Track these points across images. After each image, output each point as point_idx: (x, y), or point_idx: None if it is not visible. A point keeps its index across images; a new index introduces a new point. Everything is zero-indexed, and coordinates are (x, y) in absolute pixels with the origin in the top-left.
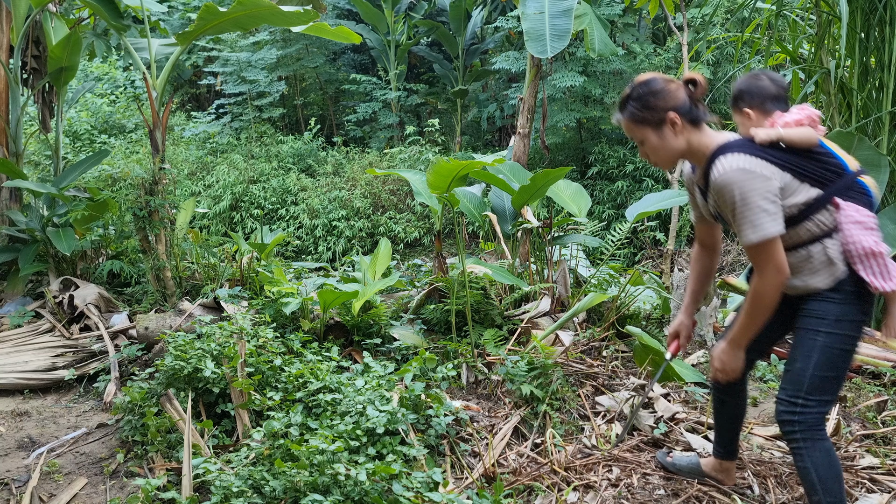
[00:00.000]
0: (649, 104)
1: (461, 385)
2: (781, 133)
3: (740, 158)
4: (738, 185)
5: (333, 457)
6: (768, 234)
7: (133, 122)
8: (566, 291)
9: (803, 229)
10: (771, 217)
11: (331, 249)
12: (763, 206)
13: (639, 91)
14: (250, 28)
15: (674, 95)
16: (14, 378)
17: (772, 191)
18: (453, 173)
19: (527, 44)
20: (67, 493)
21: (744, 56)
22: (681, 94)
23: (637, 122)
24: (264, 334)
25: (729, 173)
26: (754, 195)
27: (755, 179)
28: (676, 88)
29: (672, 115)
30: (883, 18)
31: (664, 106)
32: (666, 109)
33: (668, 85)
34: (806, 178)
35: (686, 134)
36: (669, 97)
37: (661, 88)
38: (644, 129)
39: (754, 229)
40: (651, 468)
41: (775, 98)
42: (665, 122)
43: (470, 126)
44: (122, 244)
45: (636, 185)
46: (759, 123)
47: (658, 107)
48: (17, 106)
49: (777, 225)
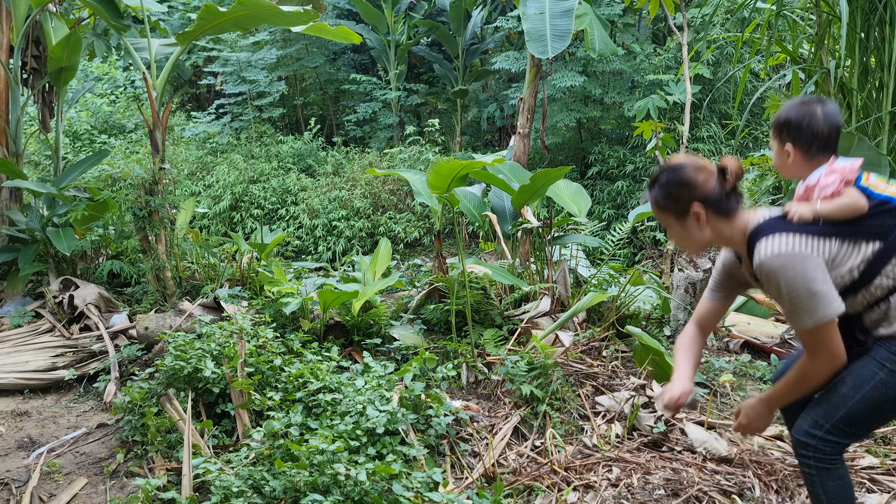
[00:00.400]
0: (673, 194)
1: (461, 385)
2: (819, 210)
3: (779, 241)
4: (782, 272)
5: (333, 457)
6: (823, 318)
7: (133, 122)
8: (566, 291)
9: (874, 287)
10: (823, 300)
11: (331, 249)
12: (812, 289)
13: (665, 178)
14: (250, 28)
15: (701, 187)
16: (14, 378)
17: (819, 269)
18: (453, 173)
19: (527, 44)
20: (67, 493)
21: (744, 56)
22: (710, 184)
23: (661, 209)
24: (264, 334)
25: (770, 260)
26: (799, 281)
27: (798, 262)
28: (705, 179)
29: (696, 207)
30: (883, 18)
31: (689, 198)
32: (690, 201)
33: (696, 175)
34: (859, 237)
35: (713, 224)
36: (696, 189)
37: (687, 179)
38: (668, 217)
39: (810, 316)
40: (651, 468)
41: (826, 143)
42: (689, 213)
43: (470, 126)
44: (122, 244)
45: (636, 185)
46: (799, 167)
47: (682, 198)
48: (17, 106)
49: (831, 306)
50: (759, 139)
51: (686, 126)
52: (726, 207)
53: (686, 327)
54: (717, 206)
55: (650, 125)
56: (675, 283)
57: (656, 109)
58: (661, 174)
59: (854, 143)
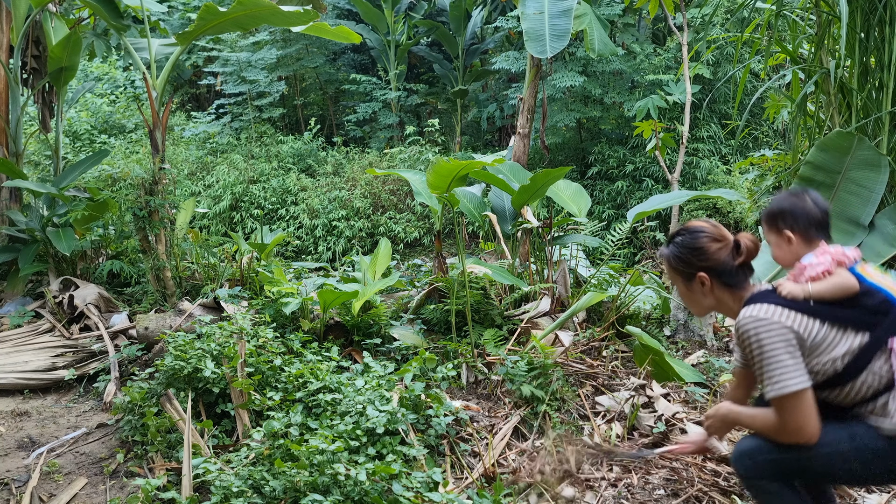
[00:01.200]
0: (684, 258)
1: (461, 385)
2: (809, 290)
3: (759, 308)
4: (754, 334)
5: (333, 457)
6: (787, 390)
7: (133, 122)
8: (566, 291)
9: (861, 384)
10: (790, 370)
11: (331, 249)
12: (777, 356)
13: (681, 240)
14: (250, 28)
15: (713, 256)
16: (14, 378)
17: (790, 341)
18: (453, 173)
19: (526, 44)
20: (67, 493)
21: (744, 56)
22: (721, 255)
23: (671, 267)
24: (264, 334)
25: (745, 322)
26: (769, 346)
27: (771, 329)
28: (718, 249)
29: (702, 275)
30: (883, 18)
31: (698, 265)
32: (699, 269)
33: (710, 244)
34: (846, 325)
35: (717, 293)
36: (707, 257)
37: (701, 246)
38: (676, 276)
39: (772, 384)
40: (651, 468)
41: (820, 224)
42: (695, 278)
43: (470, 126)
44: (122, 244)
45: (636, 185)
46: (800, 250)
47: (692, 263)
48: (17, 106)
49: (797, 379)
50: (759, 139)
51: (686, 126)
52: (732, 281)
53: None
54: (724, 278)
55: (650, 125)
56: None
57: (656, 109)
58: (678, 234)
59: (854, 143)
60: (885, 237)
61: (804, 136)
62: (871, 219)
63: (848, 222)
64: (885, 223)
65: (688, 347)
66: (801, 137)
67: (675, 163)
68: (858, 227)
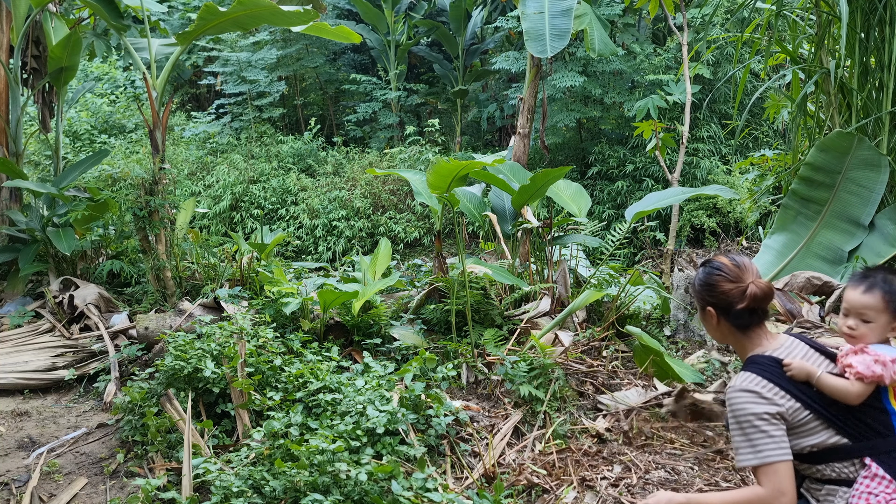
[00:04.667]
0: (698, 291)
1: (461, 385)
2: (817, 377)
3: (748, 378)
4: (737, 403)
5: (333, 457)
6: (768, 460)
7: (133, 122)
8: (566, 291)
9: (815, 470)
10: (773, 441)
11: (331, 249)
12: (761, 427)
13: (701, 272)
14: (250, 28)
15: (721, 295)
16: (14, 378)
17: (771, 413)
18: (453, 173)
19: (527, 44)
20: (67, 493)
21: (744, 56)
22: (728, 297)
23: (693, 294)
24: (264, 334)
25: (730, 391)
26: (751, 416)
27: (755, 403)
28: (730, 290)
29: (710, 310)
30: (883, 18)
31: (708, 300)
32: (708, 304)
33: (723, 283)
34: (831, 424)
35: (724, 330)
36: (718, 295)
37: (712, 283)
38: (697, 303)
39: (755, 452)
40: (651, 468)
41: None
42: (705, 311)
43: (470, 126)
44: (122, 244)
45: (636, 185)
46: (879, 334)
47: (703, 298)
48: (17, 106)
49: (780, 451)
50: (759, 139)
51: (686, 126)
52: (739, 322)
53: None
54: (730, 319)
55: (650, 125)
56: (675, 283)
57: (656, 109)
58: (703, 265)
59: (854, 144)
60: (885, 237)
61: (804, 136)
62: (871, 219)
63: (848, 222)
64: (885, 223)
65: (688, 347)
66: (801, 137)
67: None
68: (858, 227)
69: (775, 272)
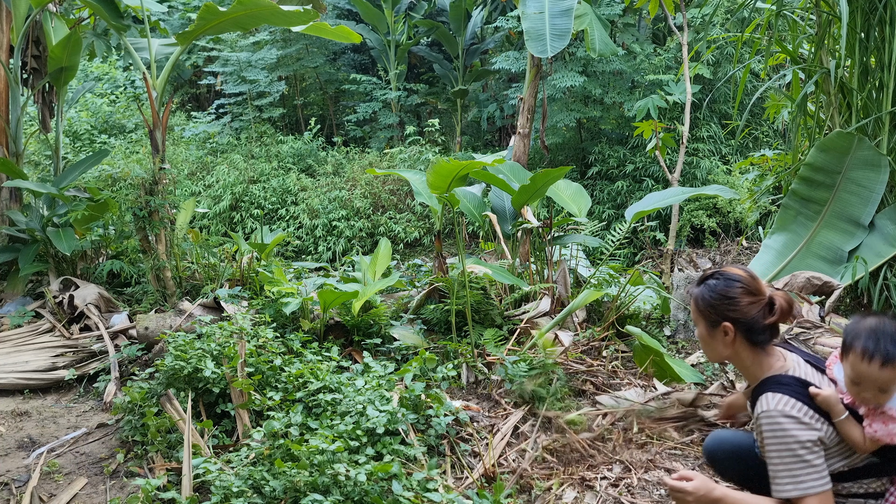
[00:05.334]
0: (713, 303)
1: (461, 385)
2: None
3: (785, 401)
4: (780, 431)
5: (333, 457)
6: (811, 491)
7: (133, 122)
8: (566, 291)
9: (841, 487)
10: (815, 471)
11: (331, 249)
12: (804, 456)
13: (714, 284)
14: (250, 28)
15: (742, 310)
16: (14, 378)
17: (815, 442)
18: (453, 173)
19: (527, 43)
20: (67, 493)
21: (744, 56)
22: (751, 311)
23: (698, 309)
24: (264, 334)
25: (771, 414)
26: (795, 444)
27: (799, 429)
28: (749, 304)
29: (728, 325)
30: (883, 18)
31: (725, 314)
32: (725, 318)
33: (743, 297)
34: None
35: (738, 349)
36: (736, 310)
37: (734, 297)
38: (700, 319)
39: (795, 484)
40: (651, 468)
41: None
42: (719, 326)
43: (470, 126)
44: (122, 244)
45: (636, 185)
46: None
47: (719, 311)
48: (17, 106)
49: (821, 481)
50: (759, 139)
51: (686, 126)
52: (757, 339)
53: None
54: (749, 335)
55: (650, 125)
56: (675, 283)
57: (656, 109)
58: (713, 277)
59: (854, 144)
60: (885, 237)
61: (804, 136)
62: (871, 219)
63: (848, 222)
64: (885, 223)
65: (688, 347)
66: (802, 137)
67: (676, 163)
68: (858, 227)
69: (775, 272)
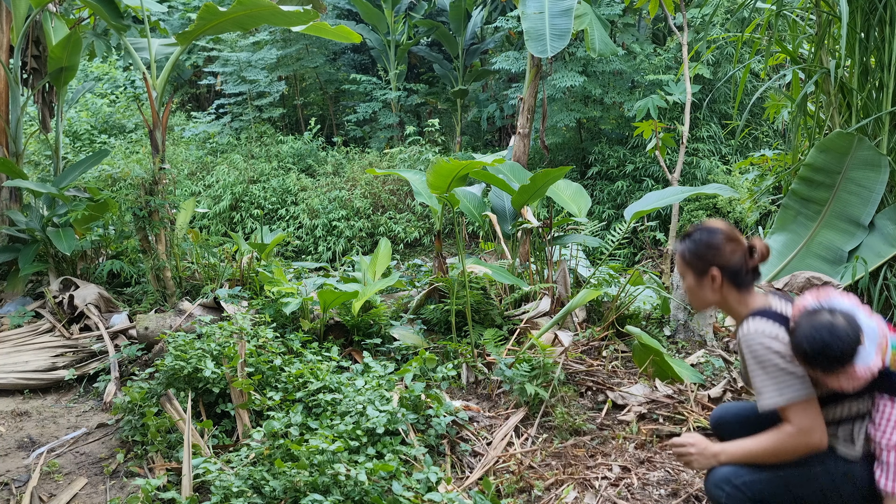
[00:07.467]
0: (699, 253)
1: (461, 385)
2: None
3: (764, 322)
4: (761, 348)
5: (333, 457)
6: (794, 398)
7: (133, 122)
8: (566, 291)
9: (831, 412)
10: (796, 378)
11: (331, 249)
12: (785, 367)
13: (698, 237)
14: (250, 28)
15: (726, 255)
16: (14, 378)
17: (791, 354)
18: (453, 173)
19: (527, 43)
20: (67, 493)
21: (744, 56)
22: (735, 256)
23: (685, 262)
24: (264, 334)
25: (751, 335)
26: (775, 357)
27: (775, 343)
28: (732, 250)
29: (715, 271)
30: (883, 18)
31: (711, 261)
32: (712, 265)
33: (725, 244)
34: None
35: (725, 293)
36: (721, 256)
37: (718, 245)
38: (688, 270)
39: (779, 392)
40: (651, 467)
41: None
42: (707, 274)
43: (470, 126)
44: (122, 244)
45: (636, 185)
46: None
47: (706, 260)
48: (17, 106)
49: (804, 389)
50: (759, 139)
51: (686, 126)
52: (741, 281)
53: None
54: (734, 278)
55: (650, 125)
56: (675, 283)
57: (656, 109)
58: (695, 231)
59: (854, 144)
60: (885, 237)
61: (804, 136)
62: (871, 219)
63: (848, 222)
64: (885, 223)
65: (688, 347)
66: (801, 137)
67: (676, 163)
68: (858, 227)
69: (775, 272)
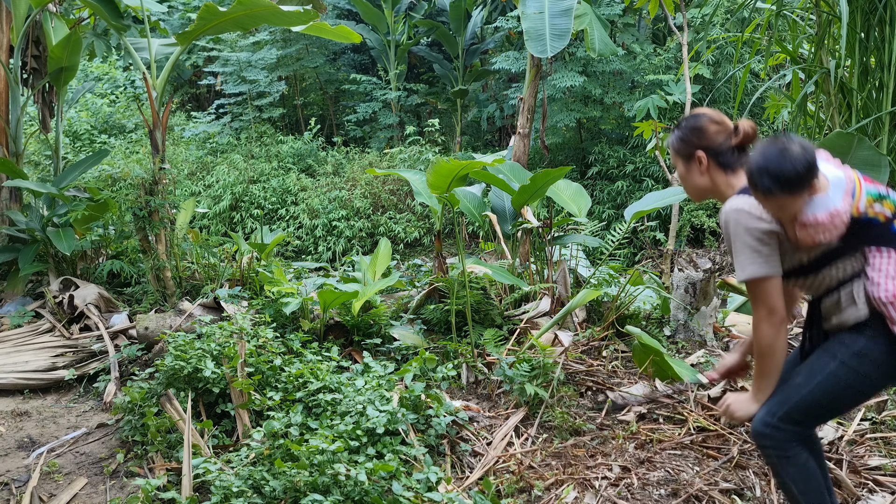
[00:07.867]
0: (685, 138)
1: (461, 385)
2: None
3: (742, 199)
4: (733, 222)
5: (333, 457)
6: (754, 274)
7: (133, 122)
8: (566, 291)
9: (825, 276)
10: (761, 257)
11: (331, 249)
12: (752, 244)
13: (684, 123)
14: (250, 28)
15: (711, 136)
16: (14, 378)
17: (766, 233)
18: (453, 173)
19: (527, 43)
20: (67, 493)
21: (744, 56)
22: (719, 137)
23: (674, 150)
24: (264, 334)
25: (727, 212)
26: (744, 234)
27: (748, 219)
28: (717, 131)
29: (700, 153)
30: (883, 18)
31: (697, 143)
32: (698, 147)
33: (709, 126)
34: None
35: (712, 174)
36: (705, 137)
37: (701, 126)
38: (678, 158)
39: (742, 268)
40: (651, 467)
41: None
42: (693, 158)
43: (470, 126)
44: (122, 244)
45: (636, 185)
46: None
47: (692, 142)
48: (17, 106)
49: (766, 267)
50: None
51: None
52: (727, 161)
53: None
54: (719, 158)
55: (650, 125)
56: (675, 283)
57: (656, 109)
58: (682, 120)
59: (854, 144)
60: None
61: (804, 136)
62: None
63: None
64: None
65: (688, 347)
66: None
67: None
68: None
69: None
